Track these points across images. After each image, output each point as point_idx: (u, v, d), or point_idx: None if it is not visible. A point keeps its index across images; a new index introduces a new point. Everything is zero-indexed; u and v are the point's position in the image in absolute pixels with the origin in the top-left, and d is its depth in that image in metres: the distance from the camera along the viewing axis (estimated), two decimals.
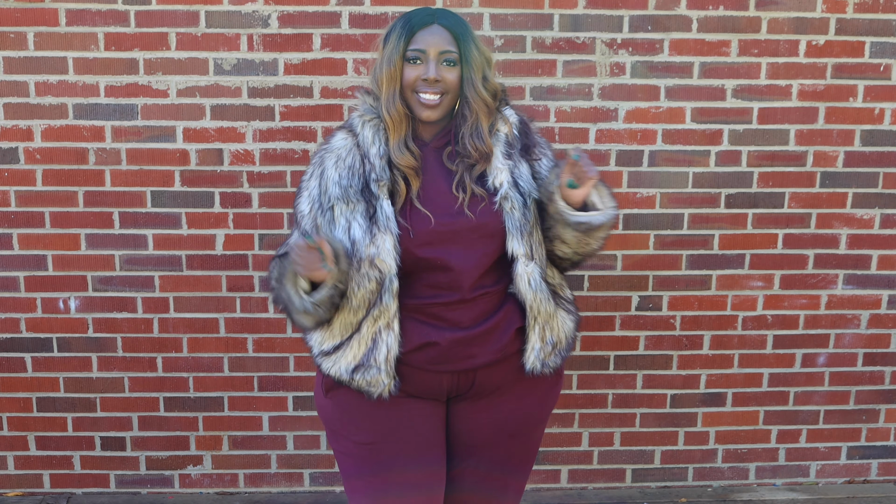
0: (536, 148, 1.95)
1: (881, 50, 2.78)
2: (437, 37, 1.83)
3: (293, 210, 1.95)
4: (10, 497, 2.98)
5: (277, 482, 3.04)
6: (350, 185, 1.85)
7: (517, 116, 1.96)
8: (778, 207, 2.89)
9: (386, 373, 1.85)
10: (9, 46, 2.64)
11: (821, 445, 3.12)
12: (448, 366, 1.89)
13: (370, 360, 1.86)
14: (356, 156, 1.87)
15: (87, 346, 2.88)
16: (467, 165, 1.87)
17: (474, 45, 1.86)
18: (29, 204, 2.76)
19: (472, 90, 1.85)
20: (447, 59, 1.84)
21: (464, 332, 1.87)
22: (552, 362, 1.95)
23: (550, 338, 1.93)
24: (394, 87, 1.84)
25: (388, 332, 1.84)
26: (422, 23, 1.84)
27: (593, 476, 3.10)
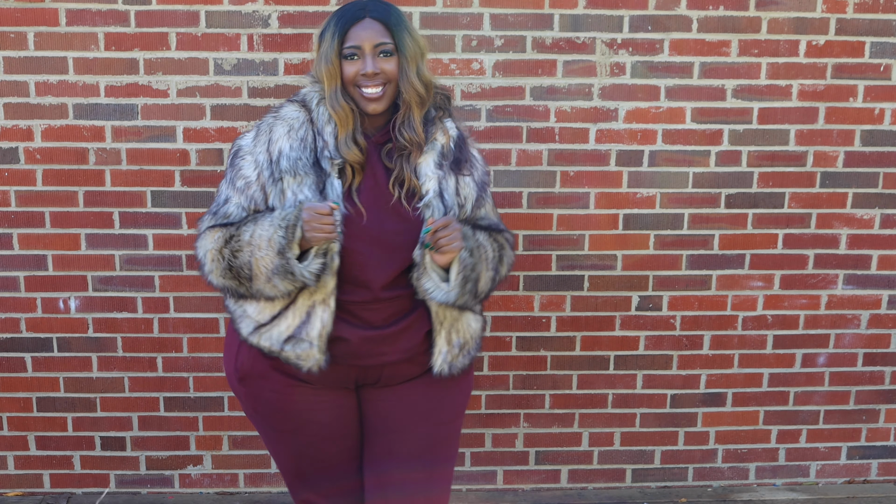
0: (466, 165, 1.96)
1: (881, 50, 2.78)
2: (370, 31, 1.85)
3: (227, 170, 1.94)
4: (10, 497, 2.98)
5: (277, 482, 3.04)
6: (300, 158, 1.86)
7: (457, 131, 1.97)
8: (778, 207, 2.89)
9: (318, 348, 1.88)
10: (9, 46, 2.64)
11: (821, 445, 3.12)
12: (357, 361, 1.93)
13: (302, 334, 1.88)
14: (308, 129, 1.89)
15: (87, 346, 2.88)
16: (404, 158, 1.90)
17: (408, 34, 1.88)
18: (29, 204, 2.76)
19: (404, 80, 1.87)
20: (383, 50, 1.86)
21: (375, 331, 1.90)
22: (460, 363, 1.99)
23: (457, 340, 1.97)
24: (335, 85, 1.87)
25: (325, 307, 1.86)
26: (354, 18, 1.86)
27: (593, 476, 3.10)
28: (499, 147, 2.77)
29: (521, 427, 3.04)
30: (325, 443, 2.01)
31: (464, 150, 1.97)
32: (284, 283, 1.84)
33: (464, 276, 1.89)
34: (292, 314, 1.89)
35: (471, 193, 1.97)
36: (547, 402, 3.02)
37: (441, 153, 1.92)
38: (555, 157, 2.80)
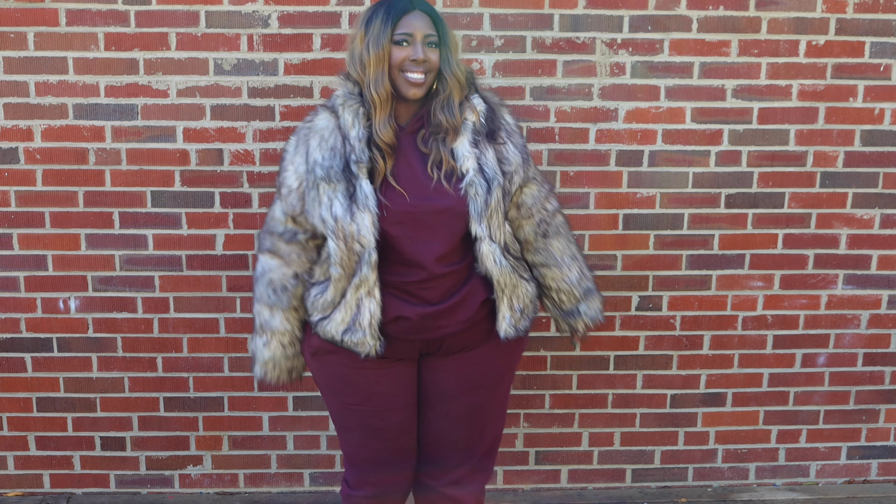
0: (501, 132, 2.07)
1: (881, 50, 2.78)
2: (420, 21, 1.99)
3: (277, 181, 2.09)
4: (10, 497, 2.98)
5: (277, 482, 3.04)
6: (332, 166, 1.98)
7: (484, 104, 2.08)
8: (778, 207, 2.89)
9: (371, 335, 2.03)
10: (9, 46, 2.64)
11: (821, 445, 3.12)
12: (419, 335, 2.08)
13: (355, 325, 2.03)
14: (338, 137, 2.00)
15: (87, 346, 2.88)
16: (440, 141, 2.01)
17: (448, 29, 2.04)
18: (29, 204, 2.76)
19: (448, 69, 2.01)
20: (430, 41, 1.99)
21: (433, 307, 2.04)
22: (522, 326, 2.14)
23: (518, 305, 2.11)
24: (382, 68, 1.97)
25: (370, 299, 2.01)
26: (404, 9, 1.99)
27: (593, 476, 3.10)
28: None
29: (521, 427, 3.04)
30: (388, 413, 2.16)
31: (495, 120, 2.08)
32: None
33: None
34: (344, 308, 2.04)
35: (515, 158, 2.07)
36: (547, 402, 3.02)
37: (474, 130, 2.03)
38: (555, 157, 2.80)
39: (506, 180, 2.05)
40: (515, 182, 2.08)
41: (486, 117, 2.06)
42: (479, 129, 2.04)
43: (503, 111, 2.12)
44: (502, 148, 2.06)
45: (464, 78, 2.04)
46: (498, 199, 2.02)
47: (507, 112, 2.13)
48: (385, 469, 2.23)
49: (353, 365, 2.10)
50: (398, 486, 2.26)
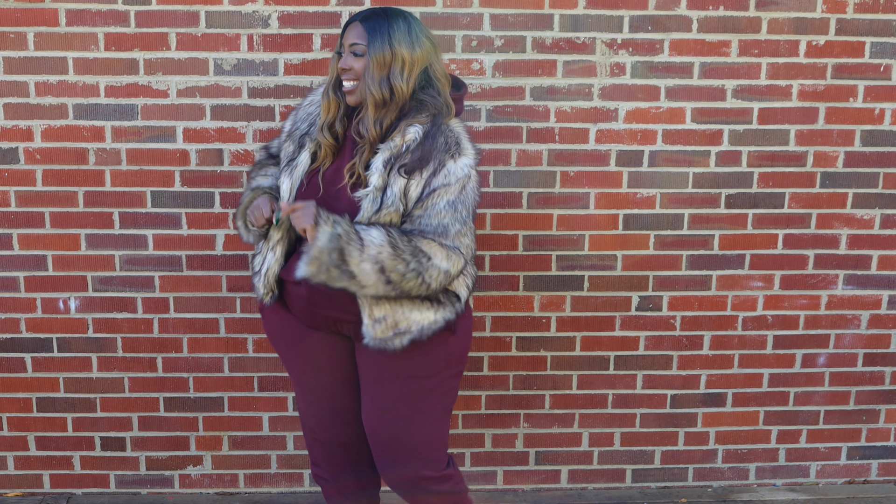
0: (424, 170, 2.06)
1: (881, 50, 2.78)
2: (353, 32, 2.10)
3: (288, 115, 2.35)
4: (10, 497, 2.98)
5: (277, 482, 3.04)
6: (298, 128, 2.24)
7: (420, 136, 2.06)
8: (778, 208, 2.89)
9: (264, 285, 2.25)
10: (9, 46, 2.64)
11: (821, 446, 3.12)
12: (317, 310, 2.19)
13: (261, 269, 2.25)
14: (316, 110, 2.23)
15: (87, 347, 2.88)
16: (361, 151, 2.11)
17: (387, 43, 2.06)
18: (29, 204, 2.76)
19: (364, 81, 2.09)
20: (354, 50, 2.09)
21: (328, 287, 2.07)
22: (396, 342, 2.13)
23: (382, 316, 2.11)
24: (332, 77, 2.16)
25: (272, 254, 2.22)
26: (350, 22, 2.12)
27: (593, 476, 3.10)
28: (499, 147, 2.77)
29: (521, 427, 3.04)
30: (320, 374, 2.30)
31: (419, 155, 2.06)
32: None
33: (313, 255, 2.00)
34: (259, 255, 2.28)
35: (413, 195, 2.07)
36: (547, 403, 3.02)
37: (392, 152, 2.08)
38: (555, 157, 2.80)
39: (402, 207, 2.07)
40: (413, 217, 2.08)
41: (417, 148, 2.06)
42: (398, 153, 2.07)
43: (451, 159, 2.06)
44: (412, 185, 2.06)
45: (386, 93, 2.06)
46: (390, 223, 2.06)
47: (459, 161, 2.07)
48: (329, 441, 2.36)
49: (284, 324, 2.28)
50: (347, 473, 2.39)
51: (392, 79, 2.06)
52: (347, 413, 2.34)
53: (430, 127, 2.08)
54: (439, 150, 2.07)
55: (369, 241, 2.00)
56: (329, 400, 2.33)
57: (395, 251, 2.01)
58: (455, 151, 2.08)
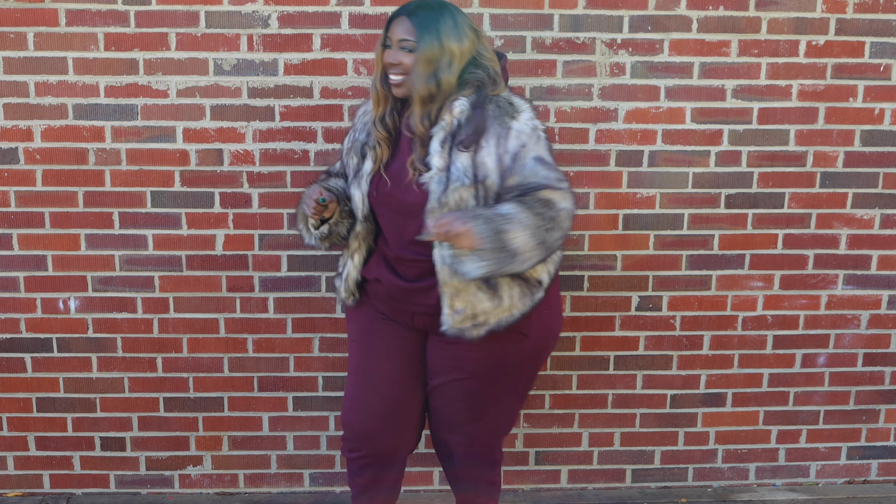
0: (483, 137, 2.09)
1: (881, 50, 2.78)
2: (400, 27, 2.13)
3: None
4: (10, 497, 2.98)
5: (277, 482, 3.04)
6: (356, 140, 2.30)
7: (468, 107, 2.11)
8: (778, 208, 2.89)
9: (346, 289, 2.37)
10: (9, 46, 2.64)
11: (821, 446, 3.12)
12: (396, 304, 2.30)
13: (342, 273, 2.37)
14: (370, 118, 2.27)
15: (87, 347, 2.88)
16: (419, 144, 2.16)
17: (436, 38, 2.09)
18: (29, 204, 2.76)
19: (411, 77, 2.12)
20: (403, 45, 2.12)
21: (405, 282, 2.25)
22: (473, 331, 2.19)
23: (461, 308, 2.17)
24: (378, 70, 2.19)
25: (351, 260, 2.34)
26: (396, 15, 2.16)
27: (593, 476, 3.10)
28: None
29: (521, 427, 3.04)
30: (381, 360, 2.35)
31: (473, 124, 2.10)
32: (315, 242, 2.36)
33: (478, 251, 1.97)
34: (342, 258, 2.39)
35: (490, 165, 2.09)
36: (547, 403, 3.02)
37: (446, 130, 2.12)
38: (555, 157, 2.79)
39: (479, 184, 2.09)
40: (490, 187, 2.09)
41: (467, 120, 2.11)
42: (453, 130, 2.11)
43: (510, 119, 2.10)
44: (480, 154, 2.09)
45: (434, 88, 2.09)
46: (460, 199, 2.08)
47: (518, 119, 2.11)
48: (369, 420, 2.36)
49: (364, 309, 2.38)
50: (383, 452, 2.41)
51: (439, 73, 2.10)
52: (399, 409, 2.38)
53: (476, 98, 2.12)
54: (493, 117, 2.10)
55: (509, 212, 1.99)
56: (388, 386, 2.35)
57: (531, 210, 2.00)
58: (512, 112, 2.12)
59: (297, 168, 2.76)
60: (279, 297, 2.86)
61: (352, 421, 2.39)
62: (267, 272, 2.84)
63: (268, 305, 2.87)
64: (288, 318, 2.88)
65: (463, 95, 2.12)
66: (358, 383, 2.38)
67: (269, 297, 2.86)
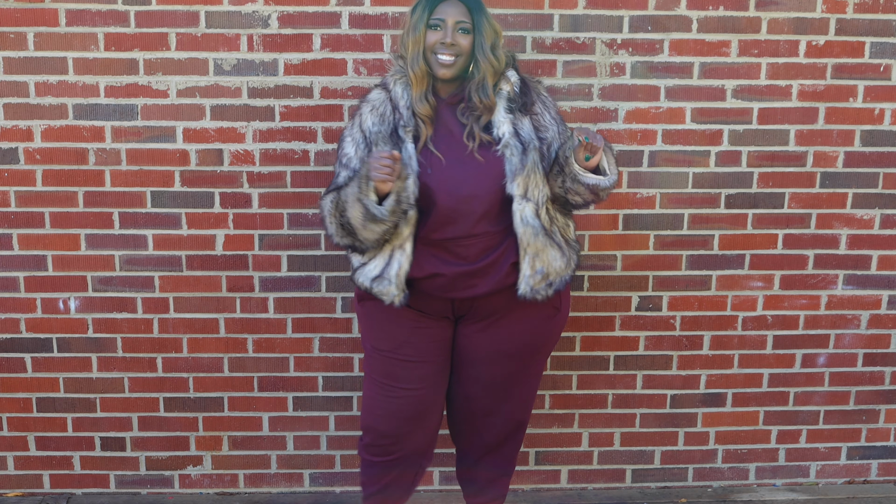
0: (536, 105, 2.28)
1: (881, 50, 2.78)
2: (454, 9, 2.20)
3: (337, 152, 2.33)
4: (10, 497, 2.98)
5: (277, 482, 3.04)
6: (380, 131, 2.25)
7: (518, 77, 2.29)
8: (778, 208, 2.89)
9: (396, 286, 2.25)
10: (9, 46, 2.64)
11: (821, 446, 3.12)
12: (452, 293, 2.28)
13: (385, 274, 2.26)
14: (388, 106, 2.27)
15: (87, 347, 2.88)
16: (475, 118, 2.23)
17: (485, 18, 2.22)
18: (29, 204, 2.76)
19: (481, 53, 2.21)
20: (462, 27, 2.20)
21: (468, 265, 2.24)
22: (543, 291, 2.28)
23: (541, 268, 2.25)
24: (418, 50, 2.21)
25: (401, 252, 2.24)
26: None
27: (593, 476, 3.10)
28: None
29: None
30: (417, 365, 2.35)
31: (528, 93, 2.28)
32: (376, 226, 2.17)
33: (614, 158, 2.25)
34: (380, 258, 2.27)
35: (552, 126, 2.29)
36: (547, 403, 3.02)
37: (508, 99, 2.24)
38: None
39: (543, 146, 2.25)
40: (554, 148, 2.27)
41: (521, 88, 2.27)
42: (513, 97, 2.25)
43: (539, 87, 2.33)
44: (538, 118, 2.27)
45: (499, 63, 2.23)
46: (535, 162, 2.21)
47: (543, 88, 2.35)
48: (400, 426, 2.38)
49: (394, 314, 2.31)
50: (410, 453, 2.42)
51: (496, 50, 2.23)
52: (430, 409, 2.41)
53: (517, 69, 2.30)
54: (533, 89, 2.30)
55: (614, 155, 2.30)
56: (422, 392, 2.37)
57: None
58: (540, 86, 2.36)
59: (298, 168, 2.76)
60: (279, 297, 2.86)
61: (383, 427, 2.39)
62: (267, 272, 2.84)
63: (268, 305, 2.87)
64: (288, 318, 2.88)
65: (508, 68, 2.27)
66: (387, 391, 2.37)
67: (269, 297, 2.86)
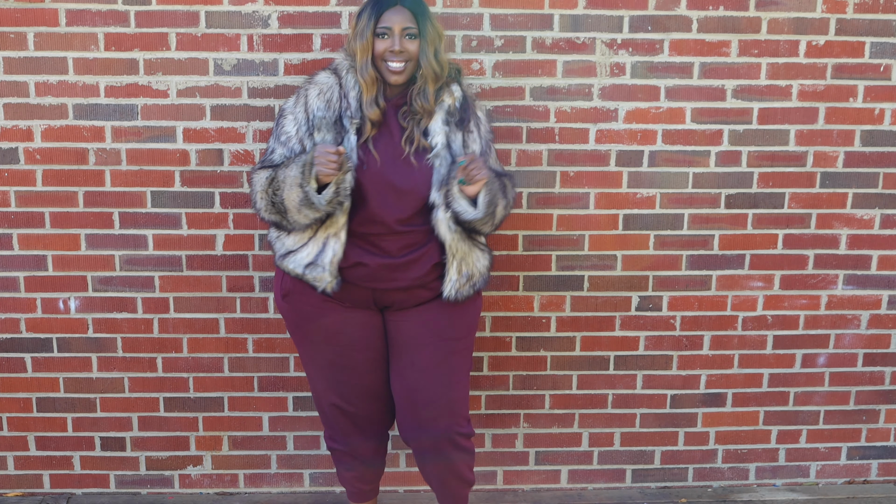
0: (471, 122, 2.36)
1: (881, 50, 2.78)
2: (399, 15, 2.24)
3: (274, 128, 2.35)
4: (10, 497, 2.98)
5: (277, 482, 3.04)
6: (324, 117, 2.27)
7: (462, 93, 2.35)
8: (778, 208, 2.89)
9: (329, 272, 2.30)
10: (9, 46, 2.64)
11: (821, 446, 3.12)
12: (374, 284, 2.33)
13: (318, 260, 2.30)
14: (335, 92, 2.30)
15: (87, 347, 2.88)
16: (416, 121, 2.29)
17: (430, 23, 2.27)
18: (29, 204, 2.76)
19: (424, 59, 2.26)
20: (409, 33, 2.25)
21: (391, 259, 2.31)
22: (465, 292, 2.37)
23: (466, 271, 2.36)
24: (366, 57, 2.26)
25: (336, 240, 2.28)
26: (388, 5, 2.24)
27: (593, 476, 3.10)
28: (499, 147, 2.77)
29: (521, 427, 3.04)
30: (353, 352, 2.41)
31: (467, 110, 2.35)
32: (311, 212, 2.23)
33: (489, 199, 2.29)
34: (313, 244, 2.31)
35: (476, 146, 2.36)
36: (547, 403, 3.02)
37: (447, 111, 2.31)
38: (555, 157, 2.80)
39: None
40: None
41: (461, 105, 2.33)
42: (452, 112, 2.31)
43: (477, 108, 2.41)
44: (470, 135, 2.34)
45: (440, 68, 2.27)
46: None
47: (480, 110, 2.43)
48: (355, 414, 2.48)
49: (320, 305, 2.36)
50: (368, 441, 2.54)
51: (439, 54, 2.28)
52: (376, 387, 2.48)
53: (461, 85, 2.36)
54: (472, 105, 2.38)
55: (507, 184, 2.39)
56: (360, 376, 2.44)
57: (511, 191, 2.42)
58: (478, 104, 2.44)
59: None
60: None
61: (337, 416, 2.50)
62: (267, 272, 2.84)
63: (268, 305, 2.87)
64: None
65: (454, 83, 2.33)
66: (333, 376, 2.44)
67: (269, 297, 2.86)
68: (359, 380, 2.45)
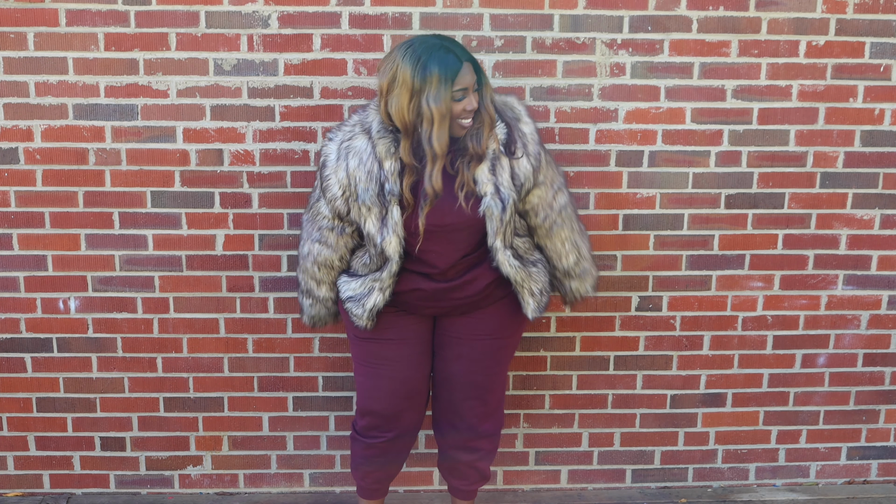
0: (518, 146, 2.33)
1: (881, 50, 2.78)
2: (469, 74, 2.22)
3: (320, 184, 2.34)
4: (10, 497, 2.98)
5: (277, 482, 3.04)
6: (368, 189, 2.26)
7: (504, 129, 2.32)
8: (778, 208, 2.89)
9: (367, 317, 2.40)
10: (9, 46, 2.64)
11: (821, 446, 3.12)
12: (432, 303, 2.42)
13: (361, 300, 2.39)
14: (374, 161, 2.26)
15: (87, 347, 2.88)
16: (466, 165, 2.27)
17: (483, 73, 2.27)
18: (29, 204, 2.76)
19: (483, 108, 2.27)
20: (476, 88, 2.25)
21: (447, 283, 2.37)
22: (545, 302, 2.48)
23: (537, 288, 2.44)
24: (445, 124, 2.20)
25: (381, 294, 2.37)
26: (457, 66, 2.18)
27: (593, 476, 3.10)
28: None
29: (521, 427, 3.04)
30: (398, 344, 2.46)
31: (511, 135, 2.32)
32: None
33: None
34: (360, 284, 2.40)
35: (526, 170, 2.33)
36: (547, 403, 3.02)
37: (493, 157, 2.29)
38: (555, 157, 2.79)
39: (517, 192, 2.32)
40: (525, 188, 2.34)
41: (506, 138, 2.31)
42: (497, 154, 2.30)
43: (520, 123, 2.35)
44: (516, 163, 2.31)
45: (494, 113, 2.28)
46: (511, 213, 2.31)
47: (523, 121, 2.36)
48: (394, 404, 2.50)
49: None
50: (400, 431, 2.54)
51: (494, 101, 2.32)
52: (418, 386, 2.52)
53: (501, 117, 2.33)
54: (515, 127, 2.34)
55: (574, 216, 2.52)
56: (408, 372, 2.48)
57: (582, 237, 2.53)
58: (517, 115, 2.37)
59: (298, 168, 2.76)
60: (279, 297, 2.87)
61: (378, 408, 2.51)
62: (267, 272, 2.84)
63: (268, 305, 2.87)
64: (288, 318, 2.89)
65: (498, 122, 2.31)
66: (376, 370, 2.49)
67: (269, 297, 2.86)
68: (400, 372, 2.49)
